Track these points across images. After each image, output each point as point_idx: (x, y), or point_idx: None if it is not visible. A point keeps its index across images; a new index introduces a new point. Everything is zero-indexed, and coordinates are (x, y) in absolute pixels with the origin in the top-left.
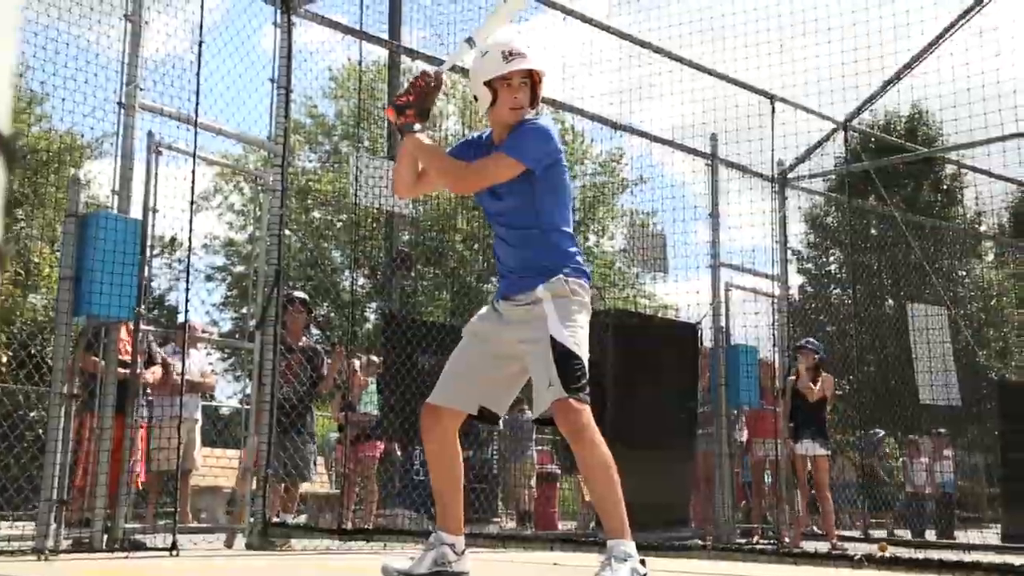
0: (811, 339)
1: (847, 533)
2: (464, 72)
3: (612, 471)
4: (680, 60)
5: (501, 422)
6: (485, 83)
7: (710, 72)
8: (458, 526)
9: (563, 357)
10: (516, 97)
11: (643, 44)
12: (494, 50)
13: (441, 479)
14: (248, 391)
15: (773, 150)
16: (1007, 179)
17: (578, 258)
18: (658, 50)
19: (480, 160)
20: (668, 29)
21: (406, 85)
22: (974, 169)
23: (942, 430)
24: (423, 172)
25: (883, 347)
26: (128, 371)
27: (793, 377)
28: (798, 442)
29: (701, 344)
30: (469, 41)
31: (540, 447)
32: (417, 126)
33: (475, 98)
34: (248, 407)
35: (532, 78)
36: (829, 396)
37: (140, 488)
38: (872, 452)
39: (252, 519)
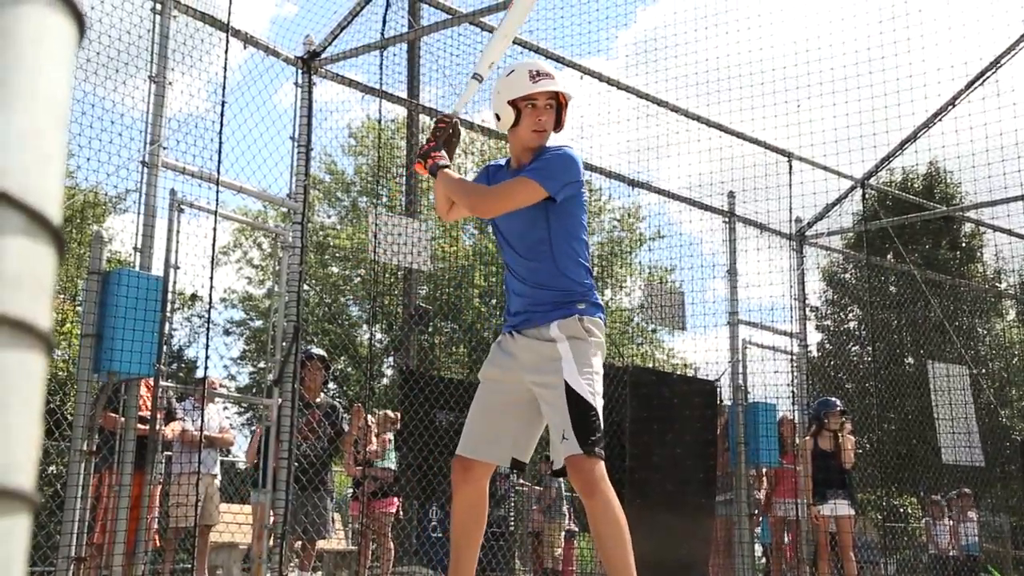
0: (831, 397)
1: None
2: (483, 130)
3: (624, 531)
4: (697, 118)
5: (532, 477)
6: (509, 102)
7: (727, 131)
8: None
9: (579, 409)
10: (540, 119)
11: (660, 103)
12: (521, 69)
13: (465, 535)
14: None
15: (791, 208)
16: None
17: (594, 292)
18: (675, 109)
19: (503, 183)
20: (685, 89)
21: (427, 135)
22: (993, 227)
23: (966, 490)
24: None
25: (903, 406)
26: (147, 427)
27: (810, 437)
28: (824, 502)
29: (720, 401)
30: (477, 77)
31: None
32: (444, 161)
33: (497, 116)
34: (242, 462)
35: (558, 100)
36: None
37: (158, 546)
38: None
39: None
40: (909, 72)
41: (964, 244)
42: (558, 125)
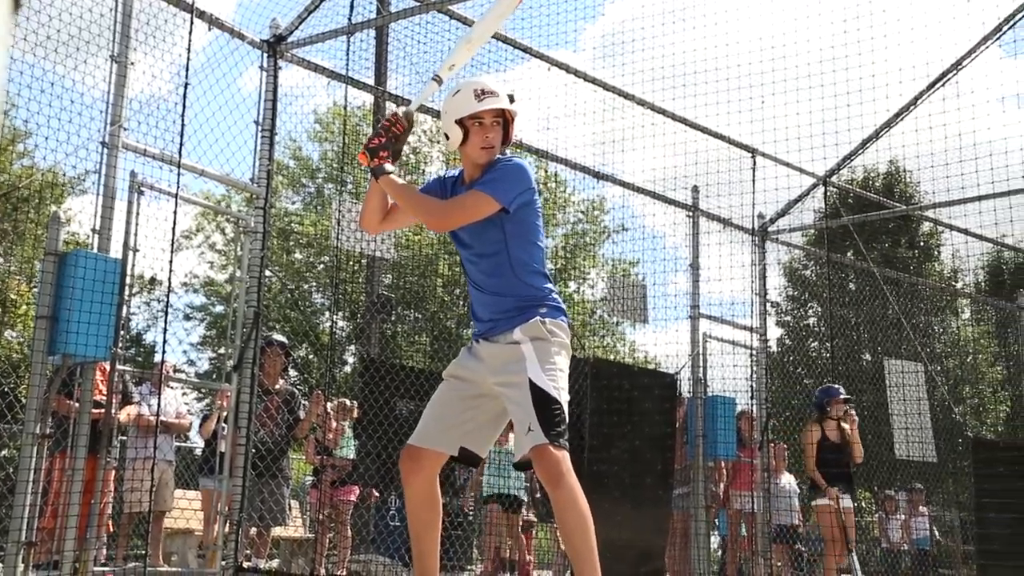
0: (835, 385)
1: None
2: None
3: (588, 522)
4: (663, 112)
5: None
6: (456, 121)
7: (692, 125)
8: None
9: (542, 402)
10: (488, 136)
11: (626, 96)
12: (466, 89)
13: (421, 526)
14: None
15: (754, 203)
16: (983, 238)
17: (554, 295)
18: (641, 102)
19: (457, 197)
20: (652, 83)
21: (376, 128)
22: (951, 227)
23: (919, 486)
24: (391, 210)
25: (860, 401)
26: (102, 411)
27: (814, 425)
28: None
29: (679, 394)
30: (436, 79)
31: None
32: (390, 167)
33: (446, 136)
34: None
35: (504, 117)
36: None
37: (111, 531)
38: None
39: (223, 563)
40: (872, 72)
41: (922, 243)
42: (505, 140)
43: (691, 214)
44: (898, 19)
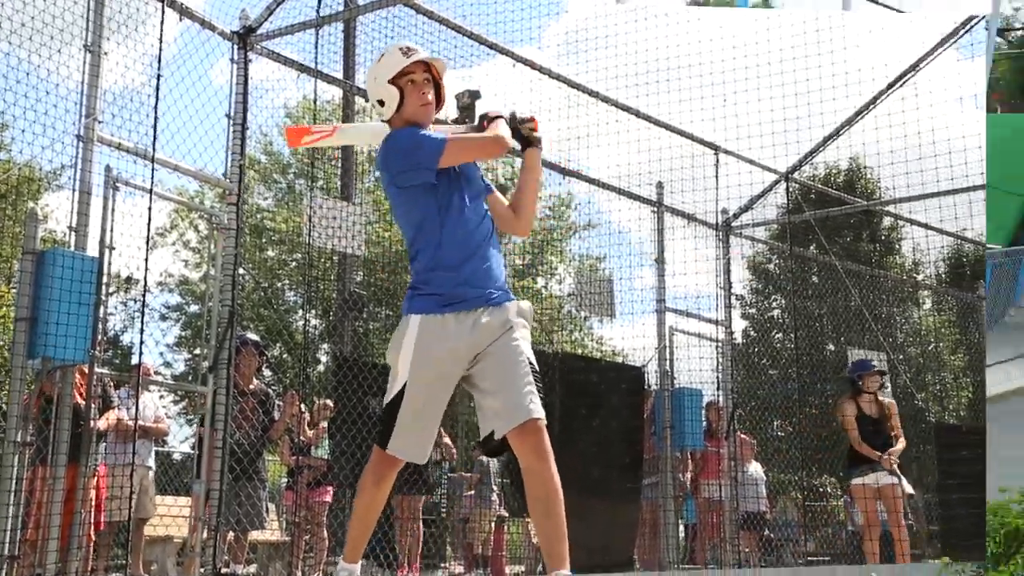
0: (868, 359)
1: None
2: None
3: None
4: (627, 109)
5: (464, 464)
6: (390, 81)
7: (656, 122)
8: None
9: (536, 382)
10: (424, 93)
11: (591, 93)
12: (391, 49)
13: (372, 522)
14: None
15: (718, 199)
16: (942, 232)
17: None
18: (606, 99)
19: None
20: (615, 80)
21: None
22: (911, 221)
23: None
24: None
25: (824, 390)
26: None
27: (849, 401)
28: (867, 473)
29: (647, 386)
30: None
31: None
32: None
33: (380, 103)
34: (194, 452)
35: (433, 76)
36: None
37: (93, 541)
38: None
39: (202, 570)
40: (832, 71)
41: (883, 237)
42: (439, 102)
43: (656, 210)
44: (857, 20)
